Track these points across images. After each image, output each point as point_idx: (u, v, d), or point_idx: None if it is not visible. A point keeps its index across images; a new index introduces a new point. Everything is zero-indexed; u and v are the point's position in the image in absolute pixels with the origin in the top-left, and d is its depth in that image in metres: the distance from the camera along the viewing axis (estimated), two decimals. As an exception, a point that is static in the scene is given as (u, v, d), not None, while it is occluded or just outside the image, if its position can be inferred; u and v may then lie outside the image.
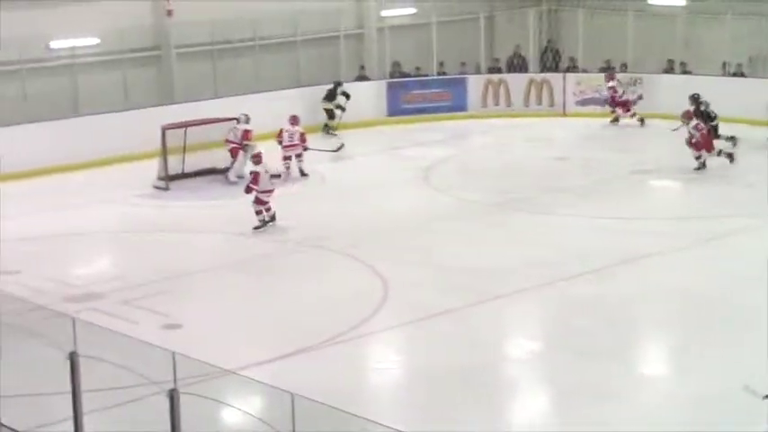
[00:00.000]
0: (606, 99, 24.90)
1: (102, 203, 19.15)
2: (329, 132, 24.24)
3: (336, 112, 24.50)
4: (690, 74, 25.11)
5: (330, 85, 24.65)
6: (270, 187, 17.21)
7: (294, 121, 20.99)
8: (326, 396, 8.96)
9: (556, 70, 27.13)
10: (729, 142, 20.48)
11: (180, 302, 14.06)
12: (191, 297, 14.46)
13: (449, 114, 25.90)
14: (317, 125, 23.90)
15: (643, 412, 10.61)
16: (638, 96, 24.93)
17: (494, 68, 27.37)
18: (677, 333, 13.06)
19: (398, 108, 25.97)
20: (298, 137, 20.81)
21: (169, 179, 20.27)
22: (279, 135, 20.82)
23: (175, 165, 20.54)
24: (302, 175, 20.77)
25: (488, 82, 26.44)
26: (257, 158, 17.48)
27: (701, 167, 20.04)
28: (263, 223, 17.13)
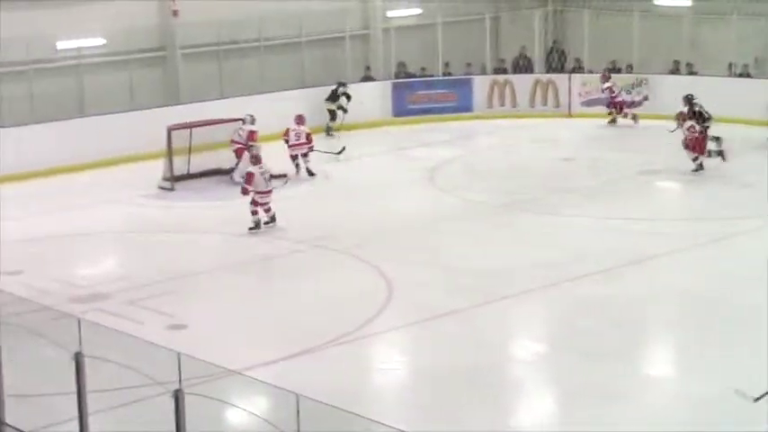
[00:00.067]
0: (608, 101, 24.89)
1: (108, 204, 19.15)
2: (329, 134, 24.24)
3: (338, 113, 24.50)
4: (696, 75, 25.07)
5: (333, 85, 24.67)
6: (267, 188, 17.15)
7: (300, 120, 21.00)
8: (331, 396, 8.98)
9: (561, 71, 27.12)
10: (714, 142, 20.33)
11: (185, 303, 14.05)
12: (196, 297, 14.44)
13: (454, 115, 25.86)
14: (321, 126, 23.87)
15: (650, 413, 10.57)
16: (644, 97, 24.91)
17: (499, 69, 27.36)
18: (683, 334, 13.01)
19: (404, 109, 25.93)
20: (304, 136, 20.85)
21: (174, 180, 20.26)
22: (285, 134, 20.82)
23: (181, 165, 20.53)
24: (309, 174, 20.78)
25: (494, 83, 26.41)
26: (255, 159, 17.43)
27: (698, 169, 19.98)
28: (256, 224, 17.06)
